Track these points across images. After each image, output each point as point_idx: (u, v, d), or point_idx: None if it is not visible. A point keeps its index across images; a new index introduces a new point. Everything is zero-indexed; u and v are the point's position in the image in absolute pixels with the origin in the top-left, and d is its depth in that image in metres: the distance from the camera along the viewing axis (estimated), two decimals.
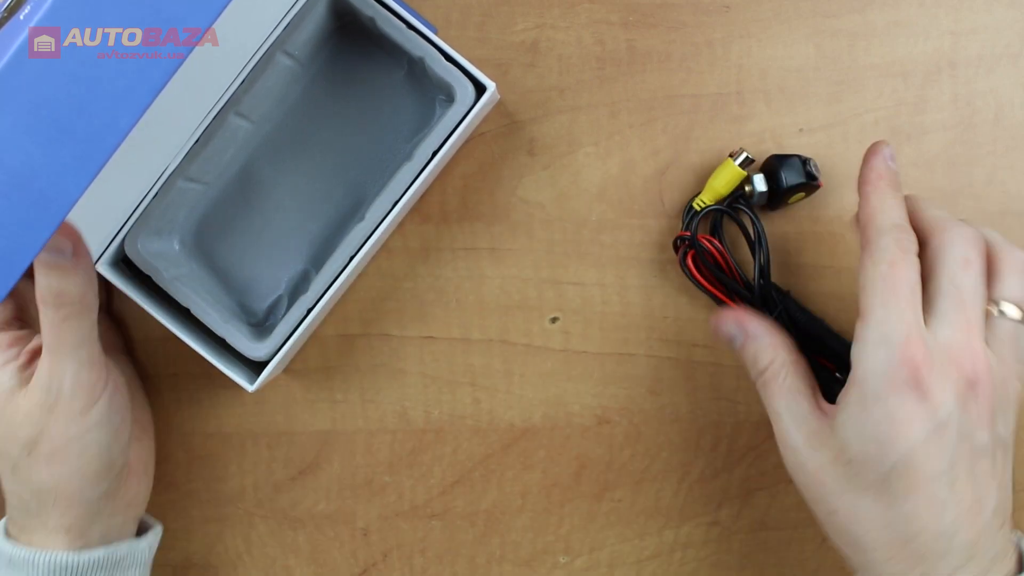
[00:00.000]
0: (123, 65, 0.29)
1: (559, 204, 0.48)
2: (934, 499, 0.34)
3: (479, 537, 0.49)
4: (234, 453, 0.49)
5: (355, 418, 0.48)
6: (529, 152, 0.48)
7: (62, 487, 0.38)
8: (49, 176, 0.29)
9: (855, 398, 0.35)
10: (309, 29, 0.44)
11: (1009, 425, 0.36)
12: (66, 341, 0.36)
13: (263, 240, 0.46)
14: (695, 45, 0.48)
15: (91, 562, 0.39)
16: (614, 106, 0.48)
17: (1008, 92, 0.47)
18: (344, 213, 0.46)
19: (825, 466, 0.36)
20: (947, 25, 0.47)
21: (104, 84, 0.29)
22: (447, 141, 0.43)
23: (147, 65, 0.29)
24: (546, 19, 0.48)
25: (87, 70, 0.29)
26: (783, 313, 0.45)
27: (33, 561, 0.38)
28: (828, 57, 0.47)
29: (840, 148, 0.47)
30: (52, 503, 0.38)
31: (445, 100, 0.45)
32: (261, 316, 0.46)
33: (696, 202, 0.46)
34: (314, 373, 0.48)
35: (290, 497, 0.49)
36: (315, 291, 0.43)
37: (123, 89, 0.29)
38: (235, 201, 0.46)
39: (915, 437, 0.34)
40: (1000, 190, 0.47)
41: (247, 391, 0.43)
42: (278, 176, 0.46)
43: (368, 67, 0.46)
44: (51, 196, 0.30)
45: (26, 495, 0.39)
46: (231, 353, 0.45)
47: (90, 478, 0.39)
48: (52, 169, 0.29)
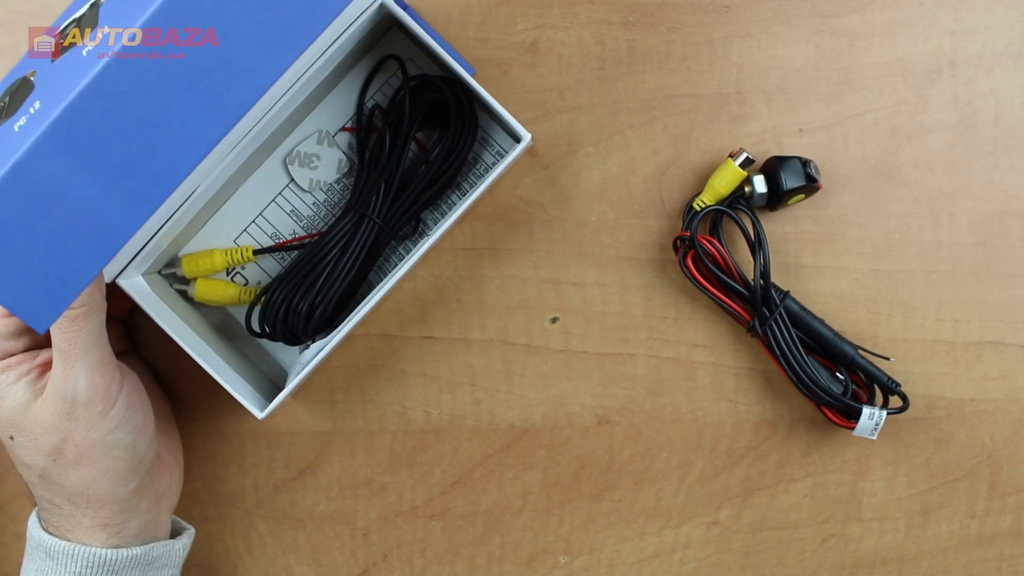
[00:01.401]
0: (187, 115, 0.30)
1: (559, 204, 0.48)
2: None
3: (479, 537, 0.49)
4: (234, 453, 0.49)
5: (355, 418, 0.48)
6: (529, 152, 0.48)
7: (93, 489, 0.39)
8: (107, 214, 0.30)
9: None
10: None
11: None
12: (76, 343, 0.36)
13: None
14: (695, 45, 0.48)
15: (128, 559, 0.40)
16: (614, 106, 0.48)
17: (1008, 92, 0.47)
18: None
19: None
20: (947, 25, 0.47)
21: (167, 131, 0.30)
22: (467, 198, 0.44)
23: (210, 115, 0.30)
24: (546, 19, 0.48)
25: (152, 116, 0.30)
26: (783, 313, 0.45)
27: (73, 554, 0.39)
28: (828, 57, 0.47)
29: (840, 148, 0.47)
30: (85, 504, 0.39)
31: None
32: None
33: (696, 202, 0.46)
34: (314, 373, 0.48)
35: (290, 497, 0.49)
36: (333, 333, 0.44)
37: (185, 138, 0.31)
38: None
39: None
40: (1000, 190, 0.47)
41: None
42: None
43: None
44: (107, 232, 0.31)
45: (58, 499, 0.39)
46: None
47: (120, 476, 0.39)
48: (110, 207, 0.30)
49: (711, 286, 0.46)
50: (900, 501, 0.48)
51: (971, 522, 0.48)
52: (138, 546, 0.40)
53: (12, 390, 0.38)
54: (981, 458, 0.48)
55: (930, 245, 0.48)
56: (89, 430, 0.38)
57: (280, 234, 0.47)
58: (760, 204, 0.46)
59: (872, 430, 0.45)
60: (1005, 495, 0.48)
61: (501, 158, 0.46)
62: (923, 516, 0.48)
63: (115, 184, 0.30)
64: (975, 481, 0.48)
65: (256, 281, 0.48)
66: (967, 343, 0.48)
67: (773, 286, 0.46)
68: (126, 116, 0.30)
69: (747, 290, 0.45)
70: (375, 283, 0.46)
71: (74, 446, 0.38)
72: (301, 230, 0.47)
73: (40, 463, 0.38)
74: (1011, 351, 0.48)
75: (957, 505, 0.48)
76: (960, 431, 0.48)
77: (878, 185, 0.48)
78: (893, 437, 0.48)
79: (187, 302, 0.47)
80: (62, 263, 0.31)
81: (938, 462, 0.48)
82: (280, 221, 0.47)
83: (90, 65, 0.30)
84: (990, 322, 0.48)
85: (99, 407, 0.38)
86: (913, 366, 0.48)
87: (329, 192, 0.47)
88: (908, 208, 0.48)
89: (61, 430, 0.37)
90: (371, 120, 0.46)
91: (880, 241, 0.48)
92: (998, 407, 0.48)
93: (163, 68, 0.30)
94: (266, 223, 0.47)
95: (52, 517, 0.40)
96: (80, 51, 0.31)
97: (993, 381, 0.48)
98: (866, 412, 0.45)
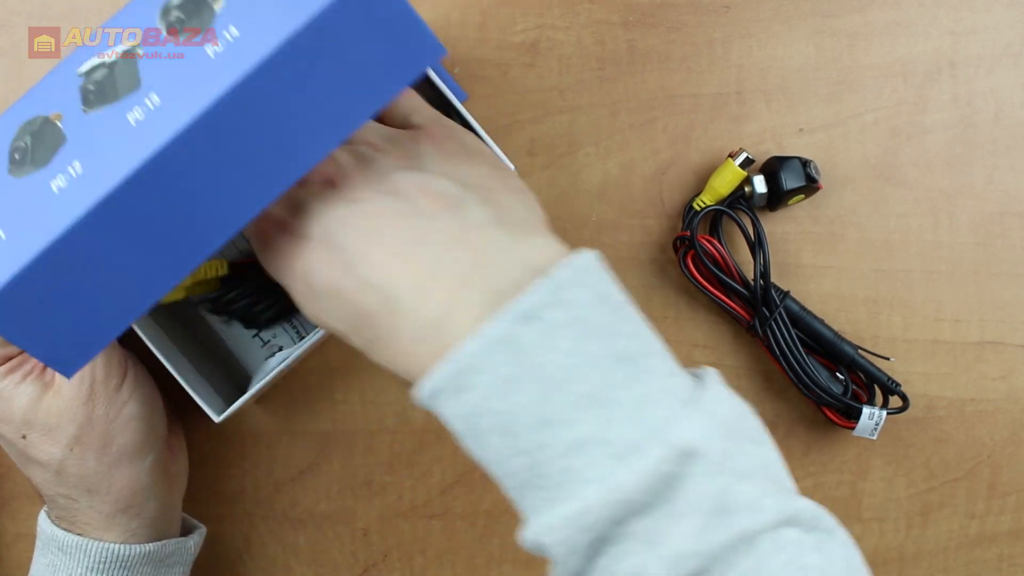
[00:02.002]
0: (230, 191, 0.31)
1: (559, 204, 0.48)
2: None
3: (479, 537, 0.49)
4: (234, 453, 0.49)
5: (355, 418, 0.48)
6: (529, 152, 0.48)
7: (113, 469, 0.39)
8: (142, 279, 0.31)
9: None
10: None
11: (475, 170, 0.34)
12: None
13: None
14: (695, 45, 0.48)
15: (140, 555, 0.40)
16: (614, 106, 0.48)
17: (1008, 92, 0.47)
18: None
19: None
20: (947, 25, 0.47)
21: (209, 206, 0.31)
22: None
23: (251, 191, 0.31)
24: (546, 19, 0.48)
25: (198, 192, 0.30)
26: (783, 313, 0.45)
27: (85, 548, 0.39)
28: (828, 57, 0.47)
29: (840, 148, 0.47)
30: (106, 490, 0.39)
31: None
32: None
33: (696, 202, 0.46)
34: (314, 373, 0.48)
35: (290, 497, 0.49)
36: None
37: (225, 211, 0.31)
38: None
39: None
40: (1000, 190, 0.47)
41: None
42: None
43: None
44: (138, 294, 0.32)
45: (75, 492, 0.39)
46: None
47: (138, 450, 0.40)
48: (145, 273, 0.31)
49: (711, 286, 0.46)
50: (900, 501, 0.48)
51: (971, 522, 0.48)
52: (151, 542, 0.41)
53: (20, 389, 0.38)
54: (981, 458, 0.48)
55: (930, 245, 0.48)
56: (108, 407, 0.39)
57: None
58: (760, 204, 0.46)
59: (872, 430, 0.45)
60: (1005, 495, 0.48)
61: None
62: (923, 516, 0.48)
63: (154, 254, 0.31)
64: (975, 481, 0.48)
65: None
66: (967, 343, 0.48)
67: (773, 286, 0.46)
68: (174, 195, 0.30)
69: (747, 290, 0.45)
70: None
71: (92, 428, 0.38)
72: None
73: (57, 456, 0.38)
74: (1011, 351, 0.48)
75: (957, 505, 0.48)
76: (960, 431, 0.48)
77: (878, 185, 0.48)
78: (893, 437, 0.48)
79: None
80: (94, 320, 0.32)
81: (938, 462, 0.48)
82: None
83: (140, 137, 0.30)
84: (990, 322, 0.48)
85: (114, 380, 0.39)
86: (913, 366, 0.48)
87: None
88: (908, 208, 0.48)
89: (79, 416, 0.38)
90: None
91: (880, 241, 0.48)
92: (998, 407, 0.48)
93: (217, 147, 0.30)
94: None
95: (66, 513, 0.40)
96: (122, 112, 0.31)
97: (993, 381, 0.48)
98: (866, 412, 0.45)
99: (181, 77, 0.31)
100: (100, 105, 0.33)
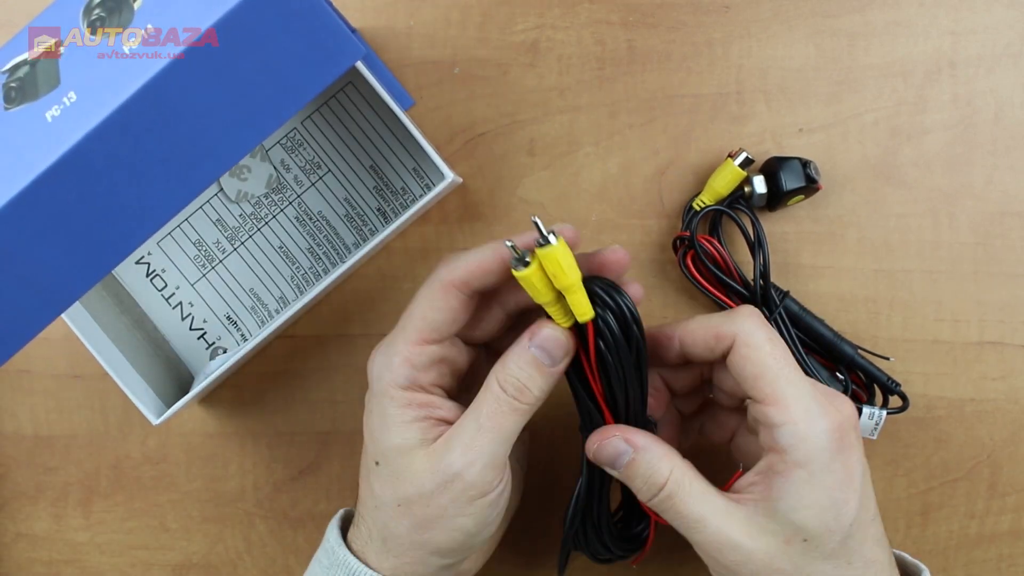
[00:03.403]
0: (153, 186, 0.31)
1: (559, 204, 0.48)
2: (878, 537, 0.37)
3: None
4: (234, 453, 0.49)
5: (355, 418, 0.48)
6: (529, 152, 0.48)
7: (411, 550, 0.38)
8: (59, 277, 0.31)
9: (802, 478, 0.35)
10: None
11: None
12: (502, 429, 0.36)
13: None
14: (695, 45, 0.48)
15: None
16: (614, 106, 0.48)
17: (1008, 92, 0.47)
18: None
19: (777, 553, 0.35)
20: (947, 25, 0.47)
21: (132, 201, 0.31)
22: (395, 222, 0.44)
23: (172, 187, 0.31)
24: (546, 19, 0.48)
25: (119, 188, 0.31)
26: (783, 313, 0.45)
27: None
28: (828, 57, 0.47)
29: (840, 148, 0.47)
30: (397, 552, 0.38)
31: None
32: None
33: (696, 202, 0.46)
34: (314, 373, 0.48)
35: (290, 497, 0.49)
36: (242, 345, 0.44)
37: (148, 207, 0.31)
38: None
39: (858, 488, 0.35)
40: (1000, 190, 0.47)
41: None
42: None
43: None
44: (56, 293, 0.32)
45: (375, 529, 0.39)
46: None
47: (441, 551, 0.38)
48: (63, 271, 0.31)
49: (711, 286, 0.46)
50: (900, 501, 0.48)
51: (971, 522, 0.48)
52: None
53: (405, 429, 0.37)
54: (981, 458, 0.48)
55: (930, 245, 0.48)
56: (448, 506, 0.36)
57: (203, 241, 0.47)
58: (760, 204, 0.46)
59: (872, 430, 0.45)
60: (1005, 495, 0.48)
61: (428, 191, 0.46)
62: (923, 516, 0.48)
63: (73, 251, 0.31)
64: (975, 481, 0.48)
65: (189, 301, 0.48)
66: (967, 343, 0.48)
67: (773, 286, 0.46)
68: (90, 192, 0.30)
69: (747, 290, 0.45)
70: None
71: (424, 507, 0.37)
72: (225, 240, 0.47)
73: (387, 499, 0.37)
74: (1011, 351, 0.48)
75: (957, 505, 0.48)
76: (960, 431, 0.48)
77: (878, 185, 0.48)
78: (893, 437, 0.48)
79: (108, 297, 0.46)
80: (10, 317, 0.32)
81: (938, 462, 0.48)
82: (205, 229, 0.48)
83: (56, 134, 0.30)
84: (990, 322, 0.48)
85: (472, 493, 0.36)
86: (913, 366, 0.48)
87: (256, 206, 0.47)
88: (908, 208, 0.48)
89: (424, 487, 0.36)
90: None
91: (880, 241, 0.48)
92: (998, 407, 0.48)
93: (132, 143, 0.30)
94: (191, 229, 0.48)
95: (360, 532, 0.39)
96: (41, 109, 0.32)
97: (993, 381, 0.48)
98: (866, 412, 0.45)
99: (99, 75, 0.31)
100: (21, 102, 0.33)
